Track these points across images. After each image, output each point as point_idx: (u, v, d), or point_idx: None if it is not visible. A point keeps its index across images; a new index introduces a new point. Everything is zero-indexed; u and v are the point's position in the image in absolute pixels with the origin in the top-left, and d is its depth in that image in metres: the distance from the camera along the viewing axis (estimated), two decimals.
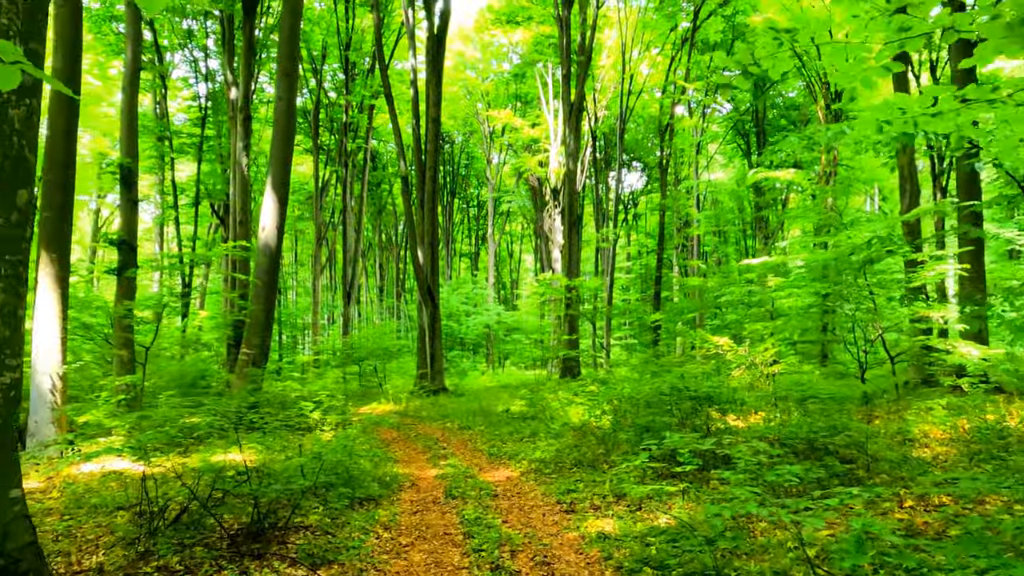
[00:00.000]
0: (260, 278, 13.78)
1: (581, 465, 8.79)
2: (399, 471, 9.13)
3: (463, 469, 9.12)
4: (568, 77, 24.18)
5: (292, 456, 8.26)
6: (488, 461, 9.83)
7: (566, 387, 18.92)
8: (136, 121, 14.19)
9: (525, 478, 8.44)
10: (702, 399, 8.31)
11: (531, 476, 8.52)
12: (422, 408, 16.97)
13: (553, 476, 8.34)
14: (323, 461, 6.94)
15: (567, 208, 24.37)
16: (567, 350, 22.99)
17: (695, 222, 30.22)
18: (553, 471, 8.61)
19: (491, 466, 9.44)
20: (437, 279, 21.40)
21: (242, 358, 13.57)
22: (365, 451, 10.49)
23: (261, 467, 6.75)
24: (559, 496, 7.27)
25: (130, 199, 13.90)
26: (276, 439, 9.10)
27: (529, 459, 9.49)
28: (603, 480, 7.69)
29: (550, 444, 10.37)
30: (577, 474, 8.30)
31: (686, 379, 8.47)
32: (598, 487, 7.42)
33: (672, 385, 8.09)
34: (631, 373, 14.53)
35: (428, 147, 21.14)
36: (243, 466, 9.07)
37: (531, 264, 54.92)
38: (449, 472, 8.91)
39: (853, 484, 6.30)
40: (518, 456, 9.84)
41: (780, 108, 33.49)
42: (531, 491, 7.70)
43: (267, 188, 13.98)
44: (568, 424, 12.24)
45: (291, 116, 14.17)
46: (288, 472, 6.64)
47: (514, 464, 9.39)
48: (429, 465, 9.69)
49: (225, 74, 23.32)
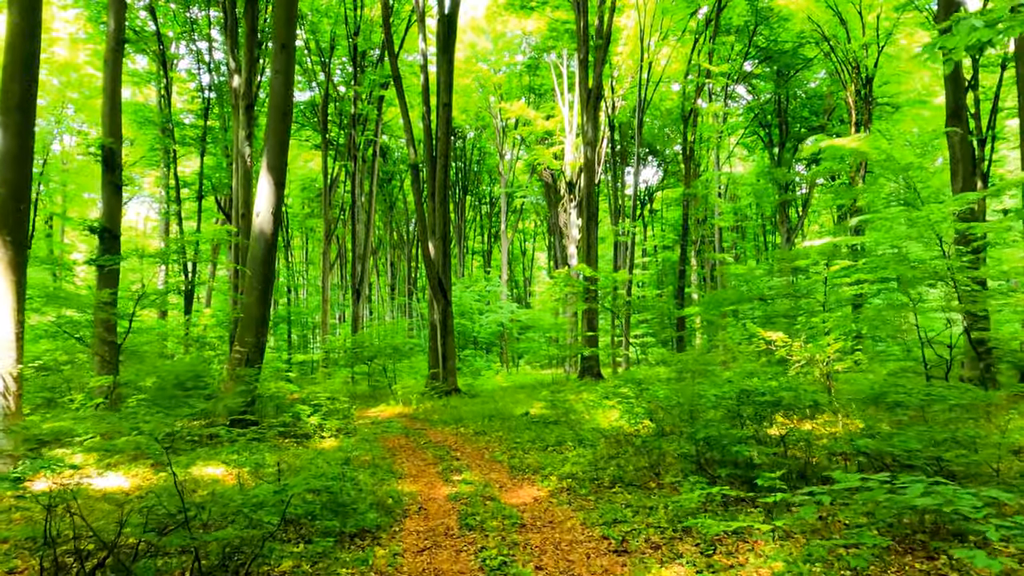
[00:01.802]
0: (254, 268, 12.23)
1: (623, 483, 7.16)
2: (404, 489, 7.53)
3: (480, 487, 7.51)
4: (585, 62, 22.53)
5: (281, 470, 6.69)
6: (509, 476, 8.22)
7: (589, 388, 17.30)
8: (119, 98, 12.69)
9: (556, 500, 6.82)
10: (769, 404, 6.65)
11: (563, 497, 6.89)
12: (433, 410, 15.38)
13: (591, 498, 6.71)
14: (308, 482, 5.36)
15: (585, 200, 22.70)
16: (586, 348, 21.33)
17: (717, 214, 28.47)
18: (590, 490, 6.98)
19: (513, 483, 7.82)
20: (449, 273, 19.82)
21: (234, 357, 12.02)
22: (367, 462, 8.93)
23: (221, 495, 5.13)
24: (603, 528, 5.64)
25: (112, 183, 12.40)
26: (256, 452, 7.52)
27: (558, 474, 7.88)
28: (656, 505, 6.05)
29: (580, 455, 8.74)
30: (621, 495, 6.68)
31: (755, 379, 6.81)
32: (652, 516, 5.78)
33: (740, 388, 6.43)
34: (666, 371, 12.88)
35: (439, 134, 19.56)
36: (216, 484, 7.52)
37: (544, 262, 53.28)
38: (464, 491, 7.31)
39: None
40: (544, 469, 8.21)
41: (802, 99, 31.65)
42: (566, 519, 6.08)
43: (262, 170, 12.44)
44: (597, 430, 10.61)
45: (288, 91, 12.63)
46: (260, 498, 5.06)
47: (541, 480, 7.77)
48: (440, 480, 8.09)
49: (228, 61, 21.86)
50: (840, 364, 9.24)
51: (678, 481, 6.99)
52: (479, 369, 27.21)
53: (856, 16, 23.75)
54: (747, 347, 9.97)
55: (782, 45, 27.36)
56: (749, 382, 6.64)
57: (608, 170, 34.86)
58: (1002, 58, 20.43)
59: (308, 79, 31.16)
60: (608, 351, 23.18)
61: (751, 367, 9.48)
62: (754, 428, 6.54)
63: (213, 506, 4.69)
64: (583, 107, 22.84)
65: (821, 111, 31.24)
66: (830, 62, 25.41)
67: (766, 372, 8.23)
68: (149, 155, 27.22)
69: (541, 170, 36.32)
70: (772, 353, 10.14)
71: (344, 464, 7.54)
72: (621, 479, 7.28)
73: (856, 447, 5.75)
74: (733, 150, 33.96)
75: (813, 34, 24.95)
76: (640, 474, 7.41)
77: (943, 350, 10.67)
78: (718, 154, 29.49)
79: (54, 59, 25.23)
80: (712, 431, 6.14)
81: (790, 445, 6.62)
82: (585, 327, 22.13)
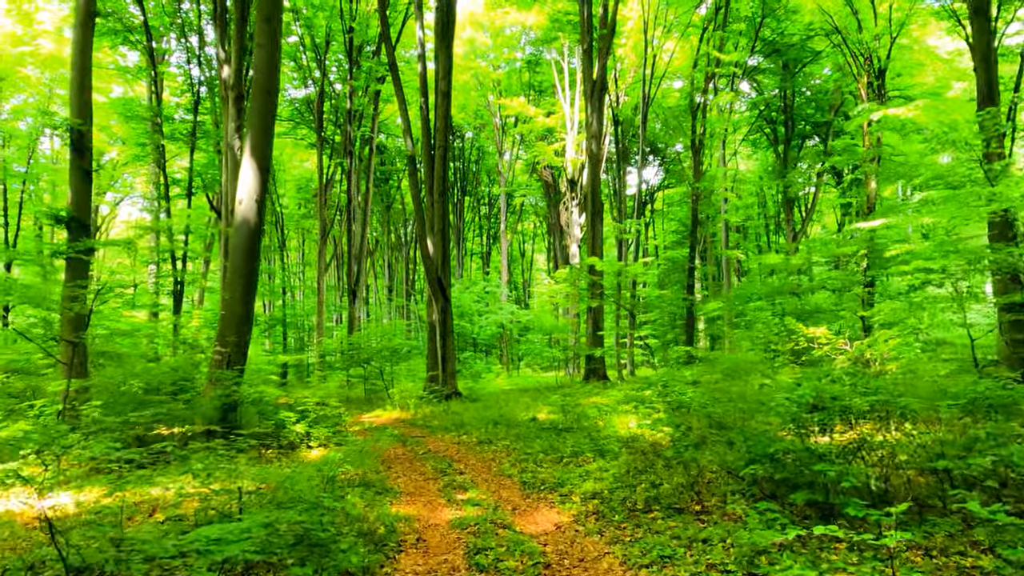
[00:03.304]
0: (235, 261, 10.95)
1: (660, 505, 5.91)
2: (400, 512, 6.27)
3: (490, 509, 6.25)
4: (589, 52, 21.35)
5: (260, 491, 5.43)
6: (522, 494, 6.95)
7: (598, 391, 16.06)
8: (89, 76, 11.43)
9: (583, 527, 5.56)
10: (839, 410, 5.40)
11: (591, 523, 5.64)
12: (433, 416, 14.10)
13: (626, 526, 5.46)
14: (270, 516, 4.10)
15: (590, 195, 21.48)
16: (592, 349, 20.08)
17: (724, 211, 27.26)
18: (623, 515, 5.72)
19: (528, 503, 6.56)
20: (448, 271, 18.55)
21: (214, 358, 10.73)
22: (357, 476, 7.66)
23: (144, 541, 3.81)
24: (651, 572, 4.39)
25: (81, 168, 11.15)
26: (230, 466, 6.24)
27: (580, 492, 6.62)
28: (711, 538, 4.79)
29: (602, 468, 7.50)
30: (661, 522, 5.42)
31: (828, 381, 5.57)
32: (710, 553, 4.53)
33: (817, 389, 5.16)
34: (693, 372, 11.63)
35: (438, 125, 18.32)
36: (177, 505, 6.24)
37: (543, 264, 52.02)
38: (471, 515, 6.05)
39: None
40: (563, 487, 6.96)
41: (807, 96, 30.49)
42: (599, 555, 4.82)
43: (245, 154, 11.18)
44: (617, 438, 9.36)
45: (272, 67, 11.38)
46: (217, 533, 3.80)
47: (560, 500, 6.51)
48: (442, 500, 6.82)
49: (217, 51, 20.59)
50: (893, 364, 8.01)
51: (725, 503, 5.75)
52: (479, 372, 25.91)
53: (868, 6, 22.61)
54: (784, 345, 8.75)
55: (789, 38, 26.24)
56: (824, 384, 5.39)
57: (610, 169, 33.67)
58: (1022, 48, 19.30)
59: (303, 75, 29.96)
60: (613, 352, 21.90)
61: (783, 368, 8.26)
62: (814, 439, 5.29)
63: (135, 555, 3.42)
64: (587, 99, 21.63)
65: (827, 107, 30.10)
66: (840, 54, 24.22)
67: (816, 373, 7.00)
68: (138, 151, 25.87)
69: (541, 169, 35.11)
70: (810, 351, 8.90)
71: (327, 483, 6.28)
72: (657, 500, 6.03)
73: (966, 466, 4.51)
74: (738, 148, 32.73)
75: (824, 25, 23.80)
76: (679, 493, 6.15)
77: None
78: (724, 150, 28.27)
79: (39, 52, 23.92)
80: (780, 445, 4.88)
81: (871, 461, 5.37)
82: (591, 327, 20.89)
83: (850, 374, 6.21)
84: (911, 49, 24.26)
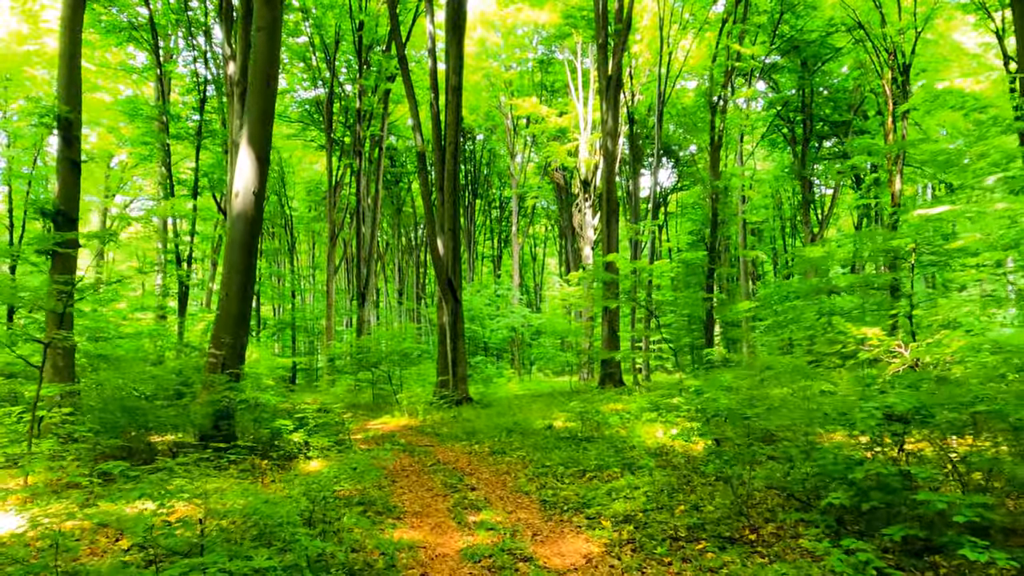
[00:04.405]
0: (231, 257, 10.11)
1: (704, 532, 4.98)
2: (404, 537, 5.37)
3: (507, 535, 5.34)
4: (605, 47, 20.45)
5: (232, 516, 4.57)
6: (542, 515, 6.03)
7: (615, 397, 15.09)
8: (79, 63, 10.66)
9: (618, 560, 4.64)
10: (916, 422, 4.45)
11: (628, 556, 4.71)
12: (442, 423, 13.19)
13: (670, 560, 4.53)
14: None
15: (605, 194, 20.55)
16: (608, 353, 19.10)
17: (740, 212, 26.25)
18: (665, 546, 4.79)
19: (550, 528, 5.63)
20: (459, 271, 17.66)
21: (209, 361, 9.89)
22: (357, 493, 6.78)
23: None
24: None
25: (69, 158, 10.35)
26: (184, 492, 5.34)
27: (610, 514, 5.70)
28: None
29: (632, 486, 6.56)
30: (711, 555, 4.50)
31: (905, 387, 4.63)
32: None
33: (913, 397, 4.21)
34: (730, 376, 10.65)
35: (449, 120, 17.48)
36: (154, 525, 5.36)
37: (555, 267, 51.08)
38: (484, 543, 5.14)
39: None
40: (589, 507, 6.03)
41: (825, 96, 29.42)
42: None
43: (242, 144, 10.36)
44: (644, 449, 8.42)
45: (273, 52, 10.57)
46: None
47: (587, 525, 5.58)
48: (451, 522, 5.91)
49: (223, 47, 19.91)
50: (959, 368, 7.05)
51: (783, 531, 4.81)
52: (490, 376, 24.98)
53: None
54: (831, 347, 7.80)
55: (808, 35, 25.26)
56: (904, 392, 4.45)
57: (623, 171, 32.73)
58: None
59: (313, 76, 29.28)
60: (629, 356, 20.93)
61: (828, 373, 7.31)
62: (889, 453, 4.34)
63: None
64: (602, 95, 20.73)
65: (846, 107, 29.07)
66: (863, 50, 23.21)
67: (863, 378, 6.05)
68: (144, 151, 25.17)
69: (553, 171, 34.23)
70: (856, 355, 7.92)
71: (320, 504, 5.37)
72: (702, 527, 5.09)
73: None
74: (755, 150, 31.68)
75: (845, 20, 22.82)
76: (726, 519, 5.21)
77: None
78: (741, 147, 27.29)
79: (45, 51, 23.29)
80: (869, 467, 3.92)
81: (973, 484, 4.41)
82: (606, 329, 19.92)
83: (932, 379, 5.25)
84: (937, 44, 23.21)
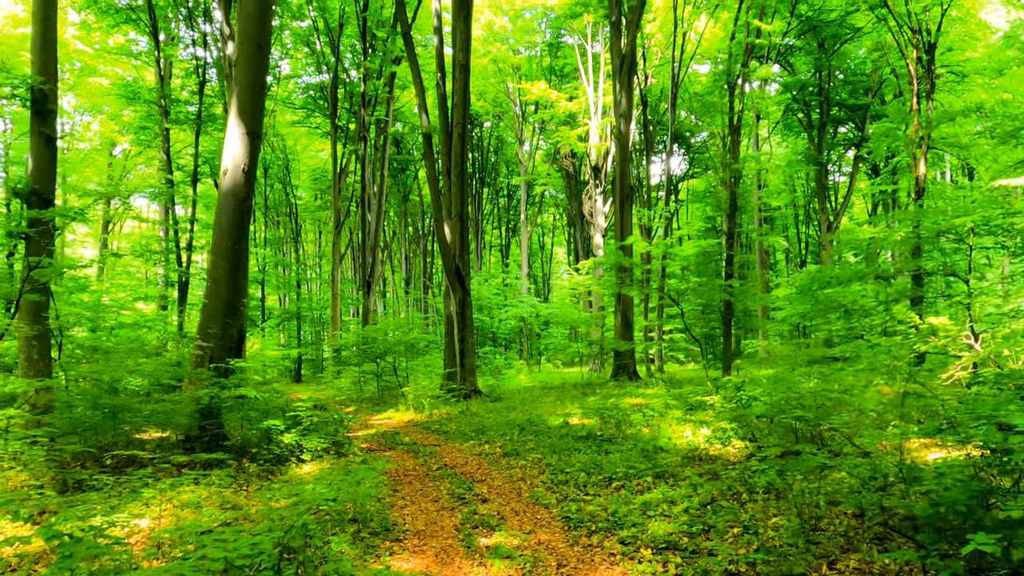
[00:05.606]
0: (220, 241, 9.16)
1: (768, 564, 4.00)
2: (402, 567, 4.42)
3: (527, 565, 4.38)
4: (618, 25, 19.34)
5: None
6: (566, 537, 5.06)
7: (630, 391, 14.14)
8: (54, 29, 9.70)
9: None
10: None
11: None
12: (450, 418, 12.26)
13: None
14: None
15: (618, 179, 19.52)
16: (621, 343, 18.12)
17: (757, 198, 25.13)
18: None
19: (577, 554, 4.67)
20: (467, 259, 16.67)
21: (195, 354, 8.97)
22: (351, 508, 5.82)
23: None
24: None
25: (44, 133, 9.40)
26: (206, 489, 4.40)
27: (648, 538, 4.74)
28: None
29: (669, 500, 5.59)
30: None
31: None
32: None
33: None
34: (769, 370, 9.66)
35: (456, 100, 16.43)
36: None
37: (563, 257, 50.03)
38: (500, 575, 4.18)
39: None
40: (622, 527, 5.07)
41: (841, 80, 28.15)
42: None
43: (231, 118, 9.40)
44: (675, 452, 7.44)
45: (263, 16, 9.58)
46: None
47: (621, 551, 4.61)
48: (459, 546, 4.96)
49: (222, 27, 18.89)
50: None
51: (871, 566, 3.84)
52: (499, 367, 24.04)
53: None
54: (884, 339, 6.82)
55: (827, 14, 24.03)
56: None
57: (635, 157, 31.60)
58: None
59: (317, 61, 28.27)
60: (646, 347, 19.94)
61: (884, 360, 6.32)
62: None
63: None
64: (615, 76, 19.66)
65: (863, 91, 27.84)
66: (885, 28, 21.97)
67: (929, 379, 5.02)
68: (142, 135, 24.27)
69: (562, 158, 33.16)
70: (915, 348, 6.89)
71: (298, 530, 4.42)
72: (766, 559, 4.11)
73: None
74: (770, 135, 30.43)
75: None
76: (792, 547, 4.23)
77: None
78: (756, 127, 26.12)
79: None
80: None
81: None
82: (619, 319, 18.94)
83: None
84: (964, 22, 21.95)
